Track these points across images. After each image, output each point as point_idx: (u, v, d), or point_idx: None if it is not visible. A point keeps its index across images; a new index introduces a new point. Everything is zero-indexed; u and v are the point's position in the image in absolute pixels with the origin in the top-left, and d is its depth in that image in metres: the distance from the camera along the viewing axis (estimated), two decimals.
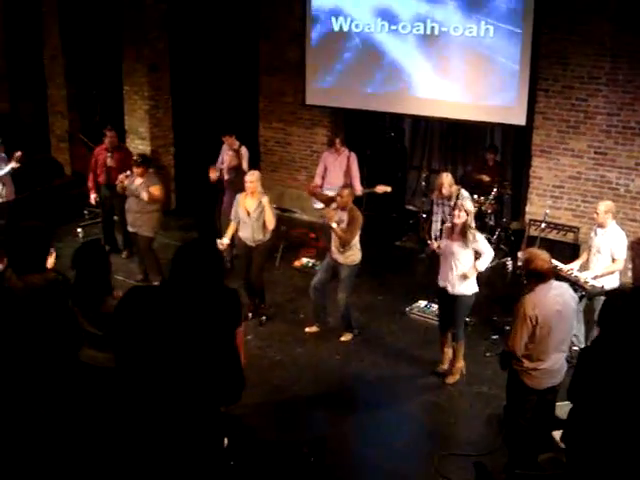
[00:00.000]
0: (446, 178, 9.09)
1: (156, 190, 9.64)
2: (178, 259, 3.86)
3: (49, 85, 14.27)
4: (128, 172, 9.77)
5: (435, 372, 8.00)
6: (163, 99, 13.22)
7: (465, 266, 7.52)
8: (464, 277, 7.50)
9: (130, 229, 9.91)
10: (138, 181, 9.61)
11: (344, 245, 8.32)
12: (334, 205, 8.53)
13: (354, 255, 8.43)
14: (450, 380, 7.87)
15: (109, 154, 10.89)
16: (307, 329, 9.02)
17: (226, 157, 10.65)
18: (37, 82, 14.35)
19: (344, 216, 8.38)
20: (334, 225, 8.32)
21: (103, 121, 13.16)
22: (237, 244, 9.33)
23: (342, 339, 8.78)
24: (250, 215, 8.73)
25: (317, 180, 11.03)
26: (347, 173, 10.82)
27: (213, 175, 10.50)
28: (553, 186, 10.69)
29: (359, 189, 10.37)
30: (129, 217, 9.79)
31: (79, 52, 13.90)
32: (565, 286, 6.14)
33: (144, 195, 9.46)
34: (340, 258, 8.44)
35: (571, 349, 7.25)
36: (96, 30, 13.55)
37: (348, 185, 9.30)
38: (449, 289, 7.65)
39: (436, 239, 8.99)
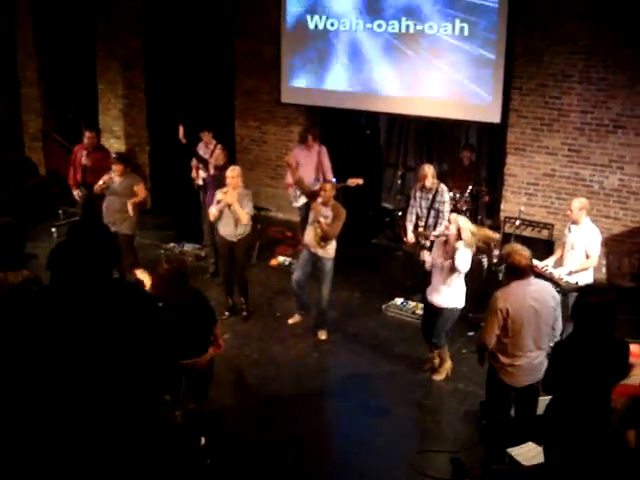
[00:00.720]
0: (429, 169, 9.07)
1: (140, 189, 9.61)
2: (53, 261, 3.73)
3: (22, 84, 14.12)
4: (112, 174, 9.69)
5: (424, 370, 8.05)
6: (138, 97, 13.16)
7: (454, 282, 7.47)
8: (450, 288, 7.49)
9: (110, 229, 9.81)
10: (118, 180, 9.55)
11: (326, 240, 8.36)
12: (320, 200, 8.56)
13: (332, 248, 8.52)
14: (436, 377, 7.92)
15: (84, 152, 10.84)
16: (290, 320, 9.09)
17: (212, 155, 10.58)
18: (10, 81, 14.21)
19: (328, 212, 8.43)
20: (321, 219, 8.36)
21: (77, 120, 13.08)
22: (218, 242, 9.32)
23: (321, 338, 8.79)
24: (231, 209, 8.73)
25: (290, 178, 11.03)
26: (318, 168, 10.84)
27: (181, 132, 10.45)
28: (527, 183, 10.75)
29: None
30: (108, 216, 9.69)
31: (53, 50, 13.78)
32: (544, 284, 6.16)
33: (130, 207, 9.41)
34: (320, 252, 8.49)
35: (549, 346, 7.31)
36: (70, 28, 13.45)
37: (326, 180, 9.32)
38: (435, 301, 7.59)
39: (414, 232, 9.07)
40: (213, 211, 8.82)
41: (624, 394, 5.52)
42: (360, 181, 10.21)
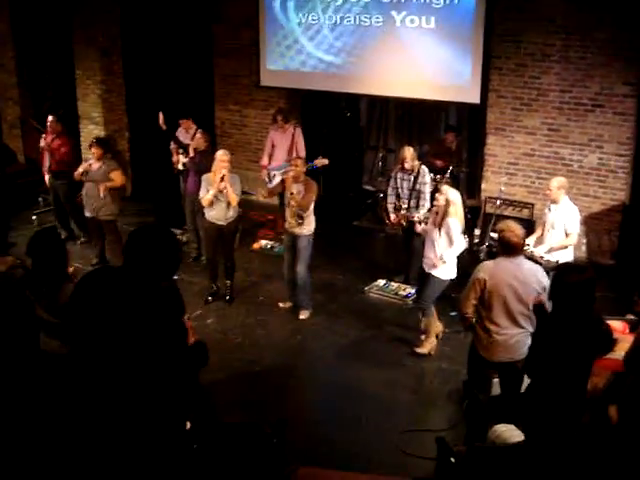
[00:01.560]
0: (408, 151, 9.13)
1: (117, 176, 9.59)
2: (132, 244, 3.83)
3: None
4: (90, 160, 9.66)
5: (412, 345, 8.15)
6: (116, 83, 13.09)
7: (447, 244, 7.66)
8: (440, 261, 7.61)
9: (88, 214, 9.78)
10: (96, 165, 9.52)
11: (302, 212, 8.42)
12: (291, 173, 8.61)
13: (310, 224, 8.55)
14: (418, 350, 7.99)
15: (44, 136, 10.84)
16: (280, 304, 9.12)
17: (193, 140, 10.55)
18: None
19: (300, 187, 8.49)
20: (294, 191, 8.45)
21: (55, 107, 12.98)
22: (203, 227, 9.33)
23: (301, 317, 8.85)
24: (223, 193, 8.72)
25: (264, 159, 11.08)
26: (292, 149, 10.85)
27: (161, 119, 10.42)
28: (508, 163, 10.80)
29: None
30: (89, 202, 9.66)
31: (29, 37, 13.64)
32: (534, 268, 6.12)
33: (101, 189, 9.40)
34: (296, 229, 8.53)
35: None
36: (46, 14, 13.31)
37: (300, 157, 9.34)
38: (426, 268, 7.80)
39: (396, 213, 9.12)
40: (208, 196, 8.75)
41: (608, 368, 5.60)
42: (326, 161, 10.22)
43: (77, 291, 3.73)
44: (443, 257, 7.60)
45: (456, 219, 7.59)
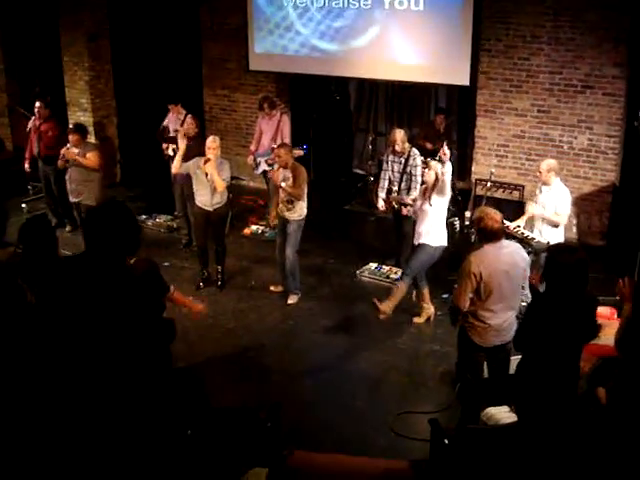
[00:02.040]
0: (399, 134, 9.11)
1: (92, 156, 9.61)
2: (90, 222, 3.79)
3: None
4: (68, 145, 9.65)
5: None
6: (104, 69, 12.99)
7: (434, 221, 7.77)
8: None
9: (72, 199, 9.84)
10: (74, 150, 9.54)
11: (294, 201, 8.45)
12: (276, 166, 8.66)
13: (301, 209, 8.57)
14: (417, 320, 8.21)
15: (32, 119, 10.81)
16: (272, 287, 9.15)
17: (183, 126, 10.50)
18: None
19: (288, 174, 8.48)
20: (283, 184, 8.43)
21: (43, 93, 12.88)
22: (192, 212, 9.34)
23: (289, 302, 8.86)
24: (208, 178, 8.70)
25: (253, 145, 11.07)
26: (277, 137, 10.82)
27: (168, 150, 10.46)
28: (498, 145, 10.79)
29: None
30: (71, 187, 9.71)
31: (15, 23, 13.52)
32: (515, 246, 6.19)
33: (83, 161, 9.44)
34: (287, 214, 8.56)
35: (520, 305, 7.39)
36: (32, 0, 13.19)
37: (283, 144, 9.28)
38: (415, 241, 7.91)
39: (387, 197, 9.15)
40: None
41: (595, 354, 5.63)
42: (301, 152, 10.28)
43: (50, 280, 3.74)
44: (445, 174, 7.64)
45: (449, 172, 7.74)
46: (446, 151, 7.51)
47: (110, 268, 3.63)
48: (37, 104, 10.83)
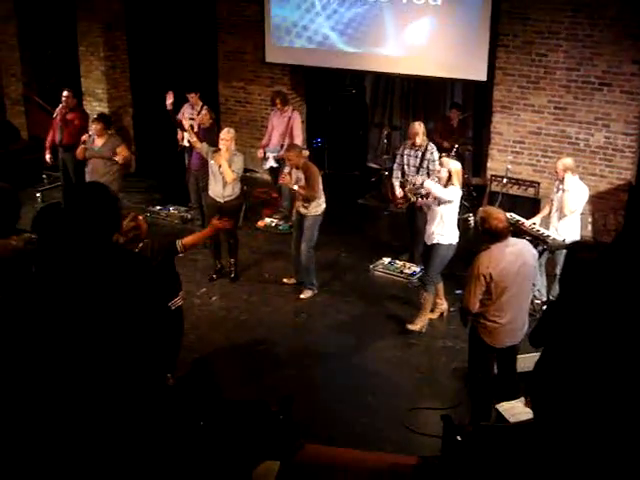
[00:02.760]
0: (419, 127, 9.09)
1: (124, 150, 9.60)
2: (68, 205, 3.73)
3: (2, 47, 13.89)
4: (90, 133, 9.63)
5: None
6: (120, 59, 13.01)
7: (445, 220, 7.71)
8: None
9: None
10: (99, 142, 9.50)
11: (310, 200, 8.43)
12: (287, 169, 8.67)
13: (318, 206, 8.56)
14: (411, 326, 8.00)
15: (58, 109, 10.78)
16: (285, 280, 9.16)
17: (196, 116, 10.51)
18: None
19: (300, 174, 8.49)
20: (295, 187, 8.46)
21: (59, 83, 12.91)
22: (206, 203, 9.35)
23: (302, 296, 8.85)
24: (220, 169, 8.72)
25: (264, 140, 11.07)
26: (288, 133, 10.80)
27: (169, 101, 10.31)
28: (514, 142, 10.74)
29: None
30: (93, 179, 9.62)
31: (32, 13, 13.54)
32: (524, 243, 6.14)
33: (118, 158, 9.41)
34: (303, 210, 8.57)
35: (533, 302, 7.37)
36: None
37: (292, 146, 9.23)
38: (427, 242, 7.88)
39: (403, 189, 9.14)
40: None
41: None
42: (307, 153, 10.34)
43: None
44: (425, 185, 7.82)
45: (458, 187, 7.70)
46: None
47: (95, 247, 3.56)
48: (65, 93, 10.78)
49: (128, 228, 5.91)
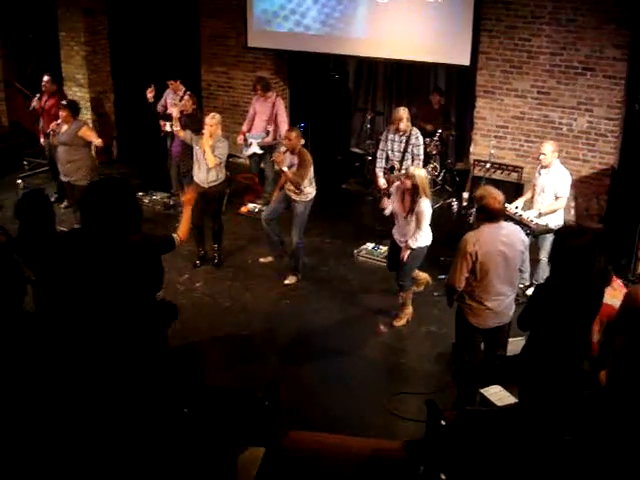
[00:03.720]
0: (404, 112, 9.05)
1: (86, 131, 9.40)
2: (87, 200, 3.74)
3: None
4: (59, 120, 9.52)
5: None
6: (100, 44, 12.88)
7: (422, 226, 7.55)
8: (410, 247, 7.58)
9: (63, 179, 9.62)
10: (64, 127, 9.37)
11: (298, 187, 8.39)
12: (283, 148, 8.53)
13: (310, 193, 8.54)
14: (397, 322, 7.98)
15: (36, 97, 10.66)
16: (262, 259, 9.19)
17: (179, 102, 10.44)
18: None
19: (295, 159, 8.41)
20: (285, 169, 8.37)
21: (39, 68, 12.78)
22: (177, 189, 9.32)
23: (286, 282, 8.83)
24: (206, 155, 8.67)
25: (245, 125, 10.99)
26: (272, 119, 10.75)
27: (150, 95, 10.27)
28: (497, 126, 10.73)
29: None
30: (61, 167, 9.50)
31: None
32: (515, 228, 6.14)
33: (97, 142, 9.30)
34: (294, 196, 8.52)
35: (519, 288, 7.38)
36: None
37: (293, 128, 9.16)
38: (401, 242, 7.72)
39: (387, 175, 9.09)
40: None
41: (601, 315, 5.64)
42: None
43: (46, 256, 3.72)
44: (409, 243, 7.53)
45: (427, 200, 7.46)
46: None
47: (108, 245, 3.59)
48: (45, 78, 10.68)
49: None
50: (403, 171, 8.80)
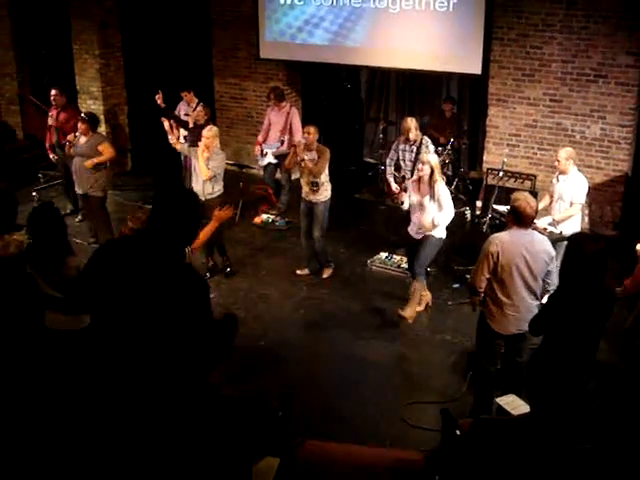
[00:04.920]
0: (412, 122, 9.12)
1: (105, 148, 9.44)
2: (159, 206, 3.75)
3: None
4: (78, 133, 9.57)
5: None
6: (114, 57, 12.97)
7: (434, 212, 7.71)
8: (432, 226, 7.68)
9: (79, 191, 9.64)
10: (82, 140, 9.42)
11: (316, 178, 8.59)
12: (303, 141, 8.75)
13: (326, 191, 8.78)
14: (402, 312, 7.96)
15: (50, 114, 10.71)
16: (298, 271, 9.29)
17: (192, 113, 10.50)
18: None
19: (313, 155, 8.66)
20: (306, 157, 8.58)
21: (53, 82, 12.87)
22: None
23: (324, 276, 9.14)
24: (200, 168, 8.72)
25: (260, 136, 11.06)
26: (286, 129, 10.81)
27: (160, 100, 10.30)
28: (509, 134, 10.73)
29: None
30: (77, 178, 9.54)
31: (26, 11, 13.49)
32: (541, 238, 6.04)
33: (88, 163, 9.30)
34: (313, 197, 8.73)
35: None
36: None
37: (311, 125, 9.21)
38: (418, 236, 7.86)
39: (399, 184, 9.14)
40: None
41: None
42: None
43: (94, 262, 3.70)
44: (435, 220, 7.66)
45: (442, 182, 7.74)
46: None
47: (171, 255, 3.60)
48: (53, 92, 10.72)
49: (138, 226, 5.87)
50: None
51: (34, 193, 11.34)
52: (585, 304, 4.75)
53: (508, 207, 6.18)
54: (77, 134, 9.57)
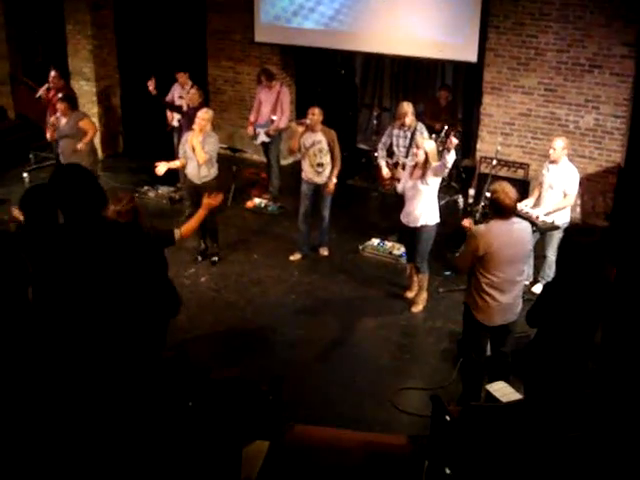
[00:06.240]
0: (408, 107, 9.07)
1: (86, 124, 9.44)
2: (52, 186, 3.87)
3: None
4: (58, 114, 9.54)
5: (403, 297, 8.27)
6: (107, 38, 12.89)
7: (429, 200, 7.69)
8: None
9: None
10: (63, 121, 9.40)
11: (323, 164, 8.78)
12: (308, 121, 8.79)
13: (326, 172, 8.89)
14: (414, 309, 8.07)
15: (44, 87, 10.67)
16: (291, 257, 9.26)
17: (186, 96, 10.46)
18: None
19: (318, 136, 8.70)
20: (308, 121, 8.72)
21: (46, 62, 12.79)
22: (184, 185, 9.30)
23: (323, 254, 9.34)
24: (195, 152, 8.64)
25: (252, 116, 11.04)
26: (276, 108, 10.79)
27: (152, 87, 10.27)
28: (503, 123, 10.72)
29: (283, 124, 10.85)
30: (64, 160, 9.51)
31: None
32: (526, 225, 6.13)
33: (81, 146, 9.27)
34: (317, 178, 8.80)
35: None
36: None
37: (315, 106, 9.16)
38: (412, 224, 7.80)
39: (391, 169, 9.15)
40: (181, 159, 8.91)
41: None
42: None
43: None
44: (447, 163, 7.53)
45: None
46: (454, 141, 7.42)
47: (87, 221, 3.66)
48: (52, 73, 10.67)
49: (125, 210, 5.83)
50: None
51: (25, 174, 11.31)
52: (581, 294, 4.77)
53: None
54: (57, 115, 9.54)
